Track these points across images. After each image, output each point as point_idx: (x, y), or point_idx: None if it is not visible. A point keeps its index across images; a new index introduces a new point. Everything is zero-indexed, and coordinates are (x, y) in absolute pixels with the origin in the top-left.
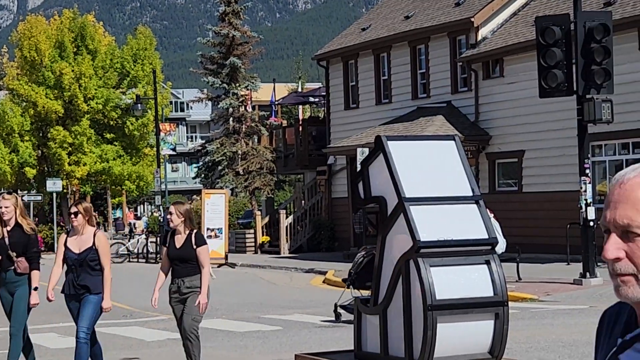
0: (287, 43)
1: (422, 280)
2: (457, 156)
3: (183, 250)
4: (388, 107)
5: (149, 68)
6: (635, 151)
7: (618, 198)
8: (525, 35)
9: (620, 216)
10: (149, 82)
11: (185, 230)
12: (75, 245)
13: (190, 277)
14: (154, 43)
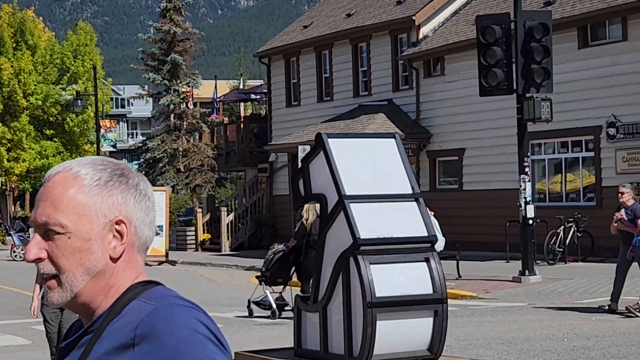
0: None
1: (362, 277)
2: (397, 154)
3: None
4: (329, 104)
5: (90, 64)
6: (574, 149)
7: (41, 196)
8: (466, 34)
9: (40, 214)
10: (90, 78)
11: None
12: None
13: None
14: (95, 39)
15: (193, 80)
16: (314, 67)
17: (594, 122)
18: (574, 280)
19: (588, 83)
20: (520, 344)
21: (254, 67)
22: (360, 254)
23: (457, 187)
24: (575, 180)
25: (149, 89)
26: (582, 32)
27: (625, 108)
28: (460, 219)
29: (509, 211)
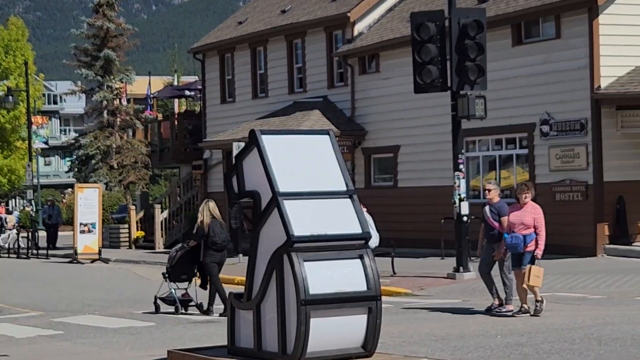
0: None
1: (296, 275)
2: (331, 151)
3: None
4: (264, 101)
5: (21, 59)
6: (508, 147)
7: None
8: (400, 31)
9: None
10: (21, 74)
11: None
12: None
13: None
14: (27, 34)
15: (126, 76)
16: (248, 64)
17: (527, 120)
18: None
19: (522, 81)
20: (455, 341)
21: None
22: (294, 251)
23: (391, 184)
24: (510, 177)
25: (82, 85)
26: (516, 29)
27: (558, 105)
28: (395, 215)
29: (443, 208)
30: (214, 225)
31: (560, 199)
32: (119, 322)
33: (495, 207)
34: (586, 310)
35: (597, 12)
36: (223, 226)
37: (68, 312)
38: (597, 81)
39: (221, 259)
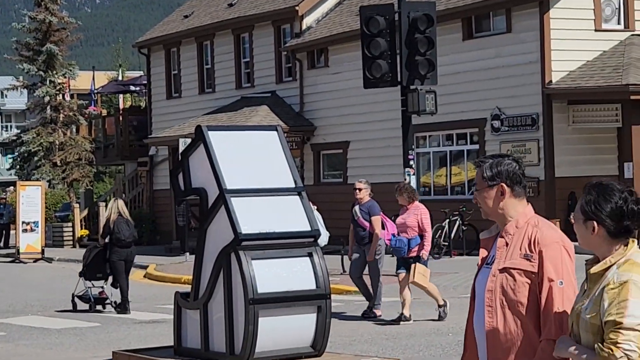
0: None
1: (244, 273)
2: (279, 147)
3: None
4: (211, 96)
5: None
6: (459, 142)
7: None
8: (350, 25)
9: None
10: None
11: None
12: None
13: None
14: None
15: (70, 71)
16: (195, 58)
17: (478, 115)
18: (459, 274)
19: (472, 75)
20: (405, 339)
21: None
22: (242, 249)
23: (341, 181)
24: (461, 174)
25: (24, 80)
26: (467, 23)
27: (509, 100)
28: (344, 212)
29: (394, 205)
30: (119, 222)
31: None
32: (62, 323)
33: (365, 207)
34: None
35: (548, 6)
36: (129, 224)
37: (10, 312)
38: (549, 76)
39: (128, 256)
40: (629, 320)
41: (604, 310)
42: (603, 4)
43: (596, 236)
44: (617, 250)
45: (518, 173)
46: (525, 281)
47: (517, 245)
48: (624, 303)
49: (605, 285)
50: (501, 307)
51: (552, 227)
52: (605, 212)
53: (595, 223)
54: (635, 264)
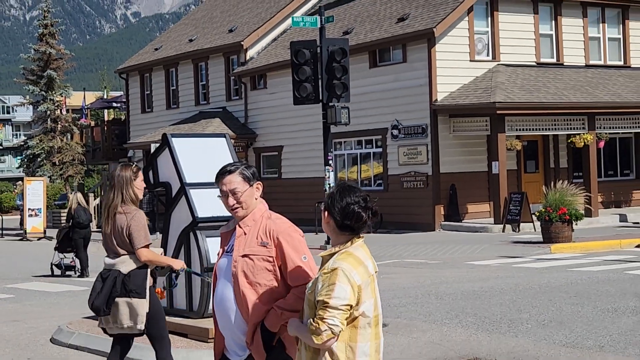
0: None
1: (200, 248)
2: (227, 150)
3: None
4: (176, 111)
5: None
6: (367, 146)
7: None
8: (283, 56)
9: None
10: None
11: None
12: None
13: None
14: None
15: (65, 91)
16: (163, 82)
17: (381, 125)
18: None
19: (377, 95)
20: None
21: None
22: (199, 229)
23: (277, 176)
24: (368, 170)
25: (30, 99)
26: (372, 55)
27: (405, 114)
28: (280, 201)
29: (317, 194)
30: (78, 209)
31: (407, 187)
32: (60, 287)
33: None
34: (427, 272)
35: (434, 42)
36: (86, 211)
37: (19, 279)
38: (435, 95)
39: (85, 234)
40: (334, 301)
41: (317, 290)
42: (476, 40)
43: (328, 224)
44: (343, 242)
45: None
46: (263, 265)
47: (255, 235)
48: (332, 286)
49: (322, 269)
50: (244, 287)
51: (282, 218)
52: (336, 208)
53: (326, 213)
54: (350, 255)
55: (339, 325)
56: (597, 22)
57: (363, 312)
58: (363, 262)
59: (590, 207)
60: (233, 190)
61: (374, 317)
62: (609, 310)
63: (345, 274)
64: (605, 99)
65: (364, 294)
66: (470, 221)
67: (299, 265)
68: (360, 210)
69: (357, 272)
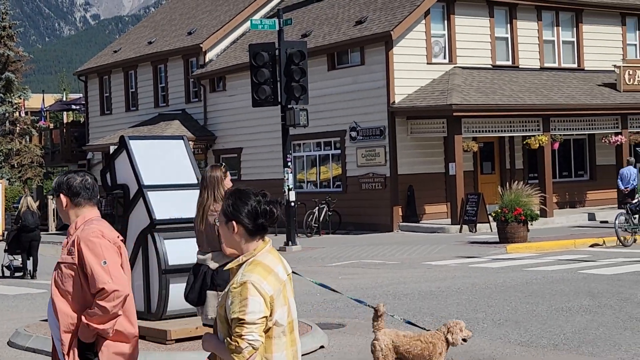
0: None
1: (158, 250)
2: (184, 152)
3: None
4: (135, 113)
5: None
6: (326, 148)
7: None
8: (242, 59)
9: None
10: None
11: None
12: None
13: None
14: None
15: (24, 93)
16: (122, 84)
17: (340, 127)
18: (326, 248)
19: (335, 97)
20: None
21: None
22: (156, 231)
23: (237, 178)
24: (327, 172)
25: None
26: (331, 58)
27: (363, 116)
28: None
29: (276, 196)
30: (26, 214)
31: (366, 188)
32: (17, 290)
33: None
34: (385, 272)
35: (391, 45)
36: (34, 214)
37: None
38: (392, 97)
39: (33, 237)
40: (250, 316)
41: (229, 307)
42: (433, 43)
43: (237, 235)
44: (251, 249)
45: (77, 186)
46: (70, 273)
47: (68, 244)
48: (245, 301)
49: (231, 284)
50: (55, 295)
51: (95, 225)
52: (243, 213)
53: (234, 223)
54: (259, 264)
55: (258, 340)
56: (551, 25)
57: (276, 321)
58: (273, 269)
59: (545, 208)
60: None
61: (288, 324)
62: (563, 310)
63: (255, 287)
64: (559, 101)
65: (276, 303)
66: (427, 222)
67: (97, 270)
68: (267, 206)
69: (268, 282)
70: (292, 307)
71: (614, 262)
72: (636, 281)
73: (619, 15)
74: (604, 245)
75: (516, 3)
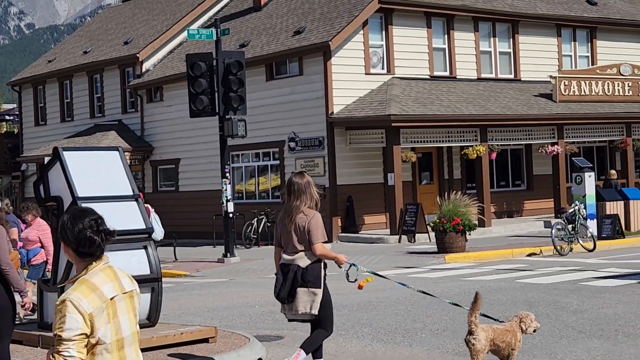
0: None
1: None
2: (120, 163)
3: None
4: (71, 124)
5: None
6: (264, 159)
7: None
8: (179, 69)
9: None
10: None
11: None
12: None
13: None
14: None
15: None
16: (57, 94)
17: (279, 138)
18: (264, 260)
19: (274, 107)
20: (222, 311)
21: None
22: None
23: (174, 189)
24: (266, 183)
25: None
26: (269, 68)
27: (302, 127)
28: (177, 214)
29: (215, 207)
30: None
31: None
32: None
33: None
34: None
35: (330, 55)
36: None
37: None
38: (331, 108)
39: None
40: (67, 333)
41: (54, 324)
42: (371, 54)
43: (68, 254)
44: (81, 269)
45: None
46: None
47: None
48: (63, 319)
49: (56, 302)
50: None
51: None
52: (70, 236)
53: (64, 243)
54: (84, 282)
55: (75, 356)
56: (488, 36)
57: (99, 339)
58: (98, 287)
59: (483, 218)
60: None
61: (116, 341)
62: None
63: (74, 304)
64: (496, 111)
65: (97, 321)
66: (367, 232)
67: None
68: (93, 235)
69: (88, 300)
70: (123, 325)
71: (550, 271)
72: (572, 290)
73: (555, 27)
74: (541, 254)
75: (453, 14)
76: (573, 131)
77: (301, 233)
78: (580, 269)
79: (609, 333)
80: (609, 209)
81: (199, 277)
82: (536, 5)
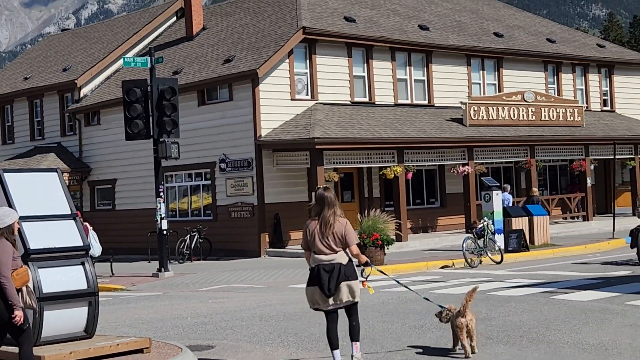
0: None
1: (33, 278)
2: (58, 184)
3: None
4: (12, 146)
5: None
6: (197, 179)
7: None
8: (115, 94)
9: None
10: None
11: None
12: None
13: None
14: None
15: None
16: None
17: (210, 159)
18: (197, 274)
19: (205, 131)
20: (156, 323)
21: None
22: (31, 261)
23: (111, 208)
24: (198, 201)
25: None
26: (201, 94)
27: (232, 149)
28: (114, 231)
29: (150, 225)
30: None
31: (235, 216)
32: None
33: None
34: (252, 296)
35: (258, 82)
36: None
37: None
38: (259, 131)
39: None
40: None
41: None
42: (296, 81)
43: None
44: None
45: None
46: None
47: None
48: None
49: None
50: None
51: None
52: None
53: None
54: None
55: None
56: (404, 65)
57: None
58: None
59: (400, 233)
60: None
61: None
62: (416, 327)
63: None
64: (412, 134)
65: None
66: (293, 247)
67: None
68: None
69: None
70: None
71: (461, 282)
72: (481, 299)
73: (465, 57)
74: (453, 266)
75: (372, 45)
76: (482, 153)
77: (339, 237)
78: (488, 279)
79: (514, 339)
80: (515, 224)
81: (135, 291)
82: (448, 37)
